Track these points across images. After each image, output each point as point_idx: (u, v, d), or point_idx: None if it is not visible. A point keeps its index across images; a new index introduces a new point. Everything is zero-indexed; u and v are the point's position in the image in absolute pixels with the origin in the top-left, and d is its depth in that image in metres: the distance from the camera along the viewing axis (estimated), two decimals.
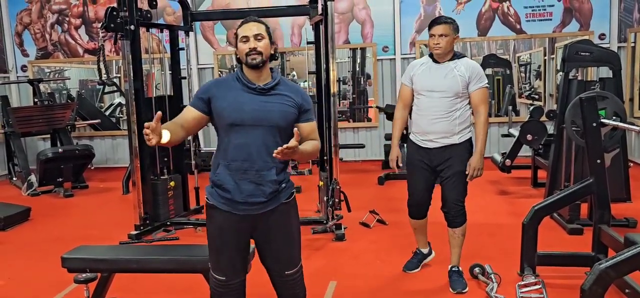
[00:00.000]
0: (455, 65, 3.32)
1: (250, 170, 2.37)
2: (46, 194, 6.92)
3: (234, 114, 2.35)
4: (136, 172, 4.87)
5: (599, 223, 3.51)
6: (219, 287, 2.51)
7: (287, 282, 2.56)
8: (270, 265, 2.54)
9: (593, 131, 3.49)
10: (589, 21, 7.64)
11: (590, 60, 5.34)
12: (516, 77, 8.20)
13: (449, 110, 3.31)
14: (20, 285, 3.96)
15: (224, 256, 2.47)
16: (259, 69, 2.38)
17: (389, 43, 8.00)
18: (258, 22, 2.42)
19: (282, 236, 2.50)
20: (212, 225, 2.48)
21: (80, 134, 8.63)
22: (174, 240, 4.82)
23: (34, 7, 8.57)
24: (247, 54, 2.35)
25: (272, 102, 2.39)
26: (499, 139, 7.80)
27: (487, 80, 3.39)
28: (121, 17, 4.71)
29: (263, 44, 2.37)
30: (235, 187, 2.37)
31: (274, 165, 2.39)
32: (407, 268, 3.76)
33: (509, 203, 5.65)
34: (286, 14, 6.47)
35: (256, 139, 2.35)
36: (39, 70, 8.76)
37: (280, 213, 2.47)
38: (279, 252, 2.51)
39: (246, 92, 2.38)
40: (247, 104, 2.36)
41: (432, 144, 3.38)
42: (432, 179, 3.48)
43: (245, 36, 2.37)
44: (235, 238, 2.46)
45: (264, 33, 2.39)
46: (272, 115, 2.37)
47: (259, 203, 2.40)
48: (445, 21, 3.31)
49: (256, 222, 2.45)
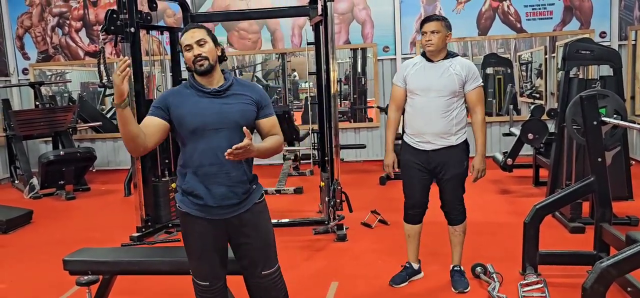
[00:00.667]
0: (450, 64, 3.30)
1: (220, 173, 2.38)
2: (48, 197, 6.93)
3: (195, 120, 2.36)
4: (137, 174, 4.88)
5: (601, 222, 3.50)
6: (203, 293, 2.55)
7: (264, 283, 2.55)
8: (247, 266, 2.54)
9: (594, 129, 3.49)
10: (590, 19, 7.64)
11: (591, 58, 5.33)
12: (517, 76, 8.20)
13: (446, 109, 3.28)
14: (22, 288, 3.97)
15: (205, 262, 2.49)
16: (209, 73, 2.39)
17: (390, 43, 8.00)
18: (199, 28, 2.41)
19: (257, 236, 2.50)
20: (188, 233, 2.49)
21: (81, 136, 8.64)
22: (175, 242, 4.82)
23: (35, 11, 8.58)
24: (194, 61, 2.36)
25: (230, 102, 2.41)
26: (500, 138, 7.80)
27: (482, 80, 3.39)
28: (121, 19, 4.72)
29: (207, 48, 2.37)
30: (207, 193, 2.38)
31: (242, 166, 2.42)
32: (394, 281, 3.60)
33: (510, 202, 5.64)
34: (286, 14, 6.47)
35: (221, 142, 2.34)
36: (41, 73, 8.77)
37: (253, 214, 2.49)
38: (255, 251, 2.51)
39: (202, 97, 2.39)
40: (206, 108, 2.37)
41: (430, 146, 3.33)
42: (429, 181, 3.44)
43: (188, 45, 2.37)
44: (213, 243, 2.47)
45: (206, 37, 2.39)
46: (232, 116, 2.38)
47: (233, 205, 2.42)
48: (437, 18, 3.30)
49: (231, 225, 2.46)
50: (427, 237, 3.77)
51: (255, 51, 8.40)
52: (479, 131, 3.35)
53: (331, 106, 4.71)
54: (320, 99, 5.14)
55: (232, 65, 8.54)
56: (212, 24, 8.18)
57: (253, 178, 2.51)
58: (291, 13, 6.30)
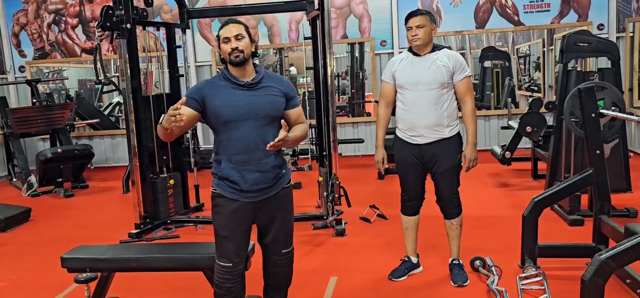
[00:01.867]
0: (437, 56, 3.31)
1: (252, 161, 2.57)
2: (46, 194, 6.92)
3: (229, 111, 2.54)
4: (135, 171, 4.87)
5: (599, 214, 3.50)
6: (225, 274, 2.67)
7: (282, 260, 2.83)
8: (270, 244, 2.78)
9: (592, 122, 3.48)
10: (587, 12, 7.63)
11: (589, 50, 5.33)
12: (515, 69, 8.19)
13: (436, 102, 3.28)
14: (21, 286, 3.96)
15: (231, 242, 2.64)
16: (242, 66, 2.57)
17: (387, 37, 7.99)
18: (238, 23, 2.61)
19: (283, 218, 2.75)
20: (219, 214, 2.65)
21: (79, 133, 8.62)
22: (174, 239, 4.81)
23: (31, 8, 8.55)
24: (230, 53, 2.55)
25: (261, 94, 2.60)
26: (499, 131, 7.80)
27: (469, 70, 3.38)
28: (117, 15, 4.70)
29: (243, 43, 2.55)
30: (241, 178, 2.58)
31: (272, 153, 2.62)
32: (393, 275, 3.60)
33: (509, 195, 5.64)
34: (283, 9, 6.43)
35: (252, 131, 2.55)
36: (37, 70, 8.74)
37: (281, 198, 2.72)
38: (279, 232, 2.76)
39: (236, 89, 2.58)
40: (239, 100, 2.56)
41: (422, 140, 3.34)
42: (423, 174, 3.45)
43: (226, 37, 2.56)
44: (241, 224, 2.64)
45: (244, 33, 2.58)
46: (264, 108, 2.58)
47: (264, 189, 2.62)
48: (421, 13, 3.32)
49: (259, 207, 2.66)
50: (425, 231, 3.77)
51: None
52: (469, 121, 3.36)
53: (329, 101, 4.69)
54: (317, 94, 5.13)
55: None
56: (209, 20, 8.17)
57: (282, 163, 2.72)
58: (288, 8, 6.24)
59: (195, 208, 5.65)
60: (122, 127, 8.56)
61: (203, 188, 5.92)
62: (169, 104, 5.37)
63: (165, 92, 5.53)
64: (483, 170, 6.48)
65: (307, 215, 4.94)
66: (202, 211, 5.69)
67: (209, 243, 3.33)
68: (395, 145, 3.49)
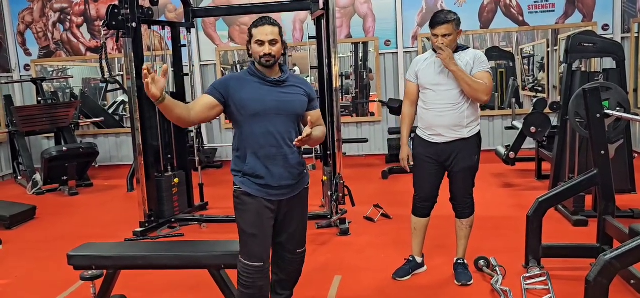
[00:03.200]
0: (459, 57, 3.28)
1: (278, 155, 2.61)
2: (51, 193, 6.94)
3: (257, 105, 2.58)
4: (140, 169, 4.89)
5: (604, 215, 3.50)
6: (255, 273, 2.64)
7: (296, 259, 2.89)
8: (286, 243, 2.81)
9: (597, 122, 3.48)
10: (592, 12, 7.61)
11: (594, 51, 5.32)
12: (519, 70, 8.18)
13: (456, 102, 3.27)
14: (26, 283, 3.98)
15: (261, 241, 2.65)
16: (272, 67, 2.63)
17: (391, 37, 7.99)
18: (273, 25, 2.61)
19: (300, 218, 2.82)
20: (246, 212, 2.65)
21: (84, 132, 8.65)
22: (179, 237, 4.83)
23: (36, 6, 8.58)
24: (262, 56, 2.58)
25: (289, 92, 2.66)
26: (503, 132, 7.79)
27: (489, 67, 3.35)
28: (122, 14, 4.71)
29: (277, 48, 2.60)
30: (268, 172, 2.61)
31: (296, 150, 2.68)
32: (397, 275, 3.61)
33: (513, 195, 5.64)
34: (288, 9, 6.42)
35: (279, 126, 2.60)
36: (42, 69, 8.77)
37: (301, 198, 2.78)
38: (296, 232, 2.82)
39: (264, 85, 2.62)
40: (267, 95, 2.60)
41: (441, 139, 3.34)
42: (440, 174, 3.44)
43: (260, 40, 2.58)
44: (268, 223, 2.68)
45: (278, 37, 2.60)
46: (292, 105, 2.65)
47: (289, 186, 2.67)
48: (446, 19, 3.19)
49: (281, 206, 2.70)
50: (432, 230, 3.76)
51: None
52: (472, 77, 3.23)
53: (333, 100, 4.70)
54: (322, 94, 5.13)
55: (233, 61, 8.53)
56: (214, 19, 8.19)
57: (304, 162, 2.77)
58: (293, 7, 6.26)
59: (200, 207, 5.67)
60: (127, 125, 8.59)
61: (207, 187, 5.94)
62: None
63: (170, 91, 5.54)
64: (487, 170, 6.47)
65: (311, 215, 4.92)
66: (206, 210, 5.70)
67: (214, 242, 3.36)
68: (414, 143, 3.51)
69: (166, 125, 5.33)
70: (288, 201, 2.70)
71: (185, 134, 5.63)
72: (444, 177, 3.47)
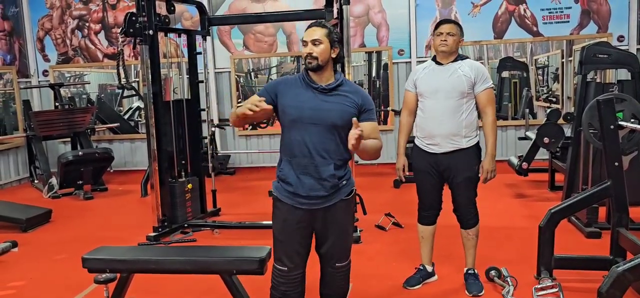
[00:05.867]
0: (459, 66, 3.33)
1: (310, 166, 2.54)
2: (66, 197, 7.03)
3: (294, 111, 2.54)
4: (154, 174, 4.95)
5: (617, 227, 3.48)
6: (280, 277, 2.68)
7: (337, 273, 2.77)
8: (325, 256, 2.73)
9: (610, 133, 3.47)
10: (607, 23, 7.57)
11: (608, 62, 5.30)
12: (533, 80, 8.15)
13: (454, 111, 3.30)
14: (41, 285, 4.04)
15: (286, 247, 2.64)
16: (318, 70, 2.55)
17: (405, 46, 8.01)
18: (321, 27, 2.57)
19: (338, 231, 2.68)
20: (276, 218, 2.68)
21: (99, 137, 8.76)
22: (191, 242, 4.87)
23: (55, 13, 8.72)
24: (305, 57, 2.54)
25: (332, 101, 2.55)
26: (516, 142, 7.75)
27: (492, 82, 3.40)
28: (140, 22, 4.79)
29: (320, 49, 2.52)
30: (298, 181, 2.56)
31: (332, 161, 2.55)
32: (408, 283, 3.62)
33: (526, 206, 5.62)
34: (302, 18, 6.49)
35: (314, 136, 2.52)
36: (60, 74, 8.91)
37: (339, 210, 2.64)
38: (335, 245, 2.69)
39: (308, 90, 2.57)
40: (306, 102, 2.54)
41: (439, 149, 3.35)
42: (440, 184, 3.46)
43: (304, 40, 2.56)
44: (296, 230, 2.62)
45: (323, 38, 2.53)
46: (330, 114, 2.53)
47: (320, 197, 2.57)
48: (454, 22, 3.38)
49: (316, 215, 2.62)
50: (441, 240, 3.77)
51: (271, 54, 8.45)
52: (489, 132, 3.36)
53: None
54: None
55: (247, 68, 8.60)
56: (229, 27, 8.26)
57: (344, 174, 2.63)
58: (307, 16, 6.30)
59: (212, 213, 5.71)
60: (142, 131, 8.68)
61: (220, 193, 5.98)
62: (188, 109, 5.46)
63: (186, 97, 5.60)
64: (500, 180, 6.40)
65: None
66: (219, 215, 5.74)
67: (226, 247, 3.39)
68: (413, 154, 3.51)
69: (180, 131, 5.39)
70: (324, 211, 2.61)
71: (199, 140, 5.68)
72: (444, 186, 3.47)
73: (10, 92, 8.42)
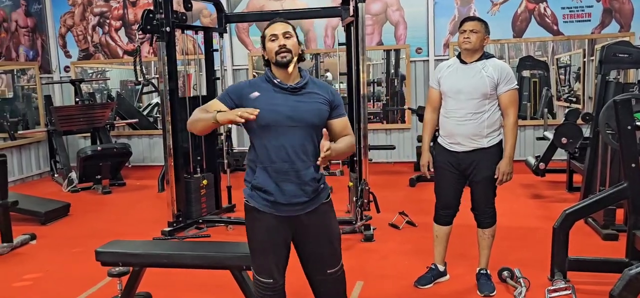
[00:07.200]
0: (483, 66, 3.28)
1: (290, 171, 2.37)
2: (85, 191, 7.15)
3: (269, 115, 2.34)
4: (170, 170, 5.00)
5: (633, 229, 3.42)
6: (267, 290, 2.49)
7: (329, 281, 2.56)
8: (313, 264, 2.54)
9: (627, 134, 3.40)
10: (630, 22, 7.43)
11: (629, 62, 5.20)
12: (554, 79, 8.04)
13: (477, 111, 3.27)
14: (58, 277, 4.12)
15: (270, 258, 2.47)
16: (287, 66, 2.38)
17: (423, 44, 7.96)
18: (286, 22, 2.44)
19: (324, 235, 2.52)
20: (255, 228, 2.48)
21: (119, 132, 8.88)
22: (205, 238, 4.92)
23: (77, 10, 8.86)
24: (277, 52, 2.37)
25: (305, 100, 2.40)
26: (534, 142, 7.66)
27: (516, 82, 3.35)
28: (157, 19, 4.84)
29: (292, 42, 2.39)
30: (277, 189, 2.38)
31: (312, 164, 2.41)
32: (419, 283, 3.61)
33: (542, 207, 5.55)
34: (319, 15, 6.52)
35: (293, 139, 2.36)
36: (81, 70, 9.05)
37: (321, 214, 2.50)
38: (322, 250, 2.52)
39: (278, 92, 2.39)
40: (280, 105, 2.37)
41: (460, 148, 3.33)
42: (461, 182, 3.43)
43: (274, 34, 2.39)
44: (280, 239, 2.47)
45: (292, 32, 2.42)
46: (307, 115, 2.38)
47: (302, 203, 2.42)
48: (478, 19, 3.31)
49: (296, 223, 2.46)
50: (455, 239, 3.74)
51: None
52: (509, 134, 3.32)
53: (361, 107, 4.72)
54: (350, 100, 5.16)
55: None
56: (247, 24, 8.30)
57: (321, 177, 2.50)
58: (324, 14, 6.34)
59: (227, 209, 5.75)
60: (160, 127, 8.77)
61: (235, 189, 6.01)
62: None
63: (202, 94, 5.65)
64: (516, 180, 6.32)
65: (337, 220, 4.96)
66: (234, 212, 5.78)
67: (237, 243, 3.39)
68: (435, 151, 3.52)
69: None
70: (306, 216, 2.45)
71: (215, 136, 5.73)
72: (465, 186, 3.44)
73: (33, 88, 8.58)
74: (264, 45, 2.44)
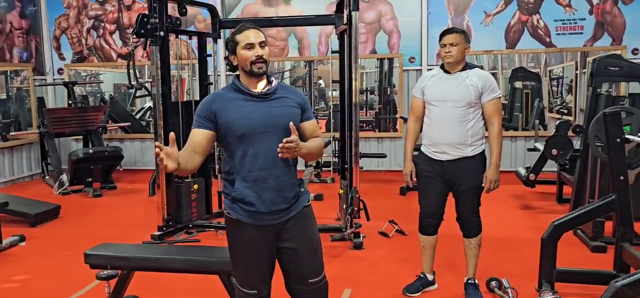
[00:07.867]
0: (467, 75, 3.32)
1: (270, 178, 2.33)
2: (76, 193, 7.12)
3: (243, 124, 2.30)
4: (161, 174, 4.99)
5: (621, 241, 3.45)
6: None
7: (310, 290, 2.49)
8: (294, 274, 2.47)
9: (616, 147, 3.44)
10: (622, 36, 7.49)
11: (620, 75, 5.24)
12: (546, 91, 8.09)
13: (461, 120, 3.29)
14: (46, 279, 4.10)
15: (254, 270, 2.43)
16: (262, 77, 2.36)
17: (416, 54, 8.00)
18: (259, 29, 2.37)
19: (305, 242, 2.45)
20: (238, 240, 2.44)
21: (111, 135, 8.85)
22: (195, 242, 4.91)
23: (72, 13, 8.85)
24: (253, 62, 2.32)
25: (277, 106, 2.36)
26: (525, 153, 7.70)
27: (500, 92, 3.39)
28: (151, 23, 4.84)
29: (267, 51, 2.35)
30: (258, 198, 2.34)
31: (291, 169, 2.39)
32: (407, 290, 3.62)
33: (532, 218, 5.57)
34: (313, 23, 6.56)
35: (269, 146, 2.29)
36: (75, 73, 9.03)
37: (301, 219, 2.45)
38: (303, 258, 2.45)
39: (249, 100, 2.34)
40: (254, 113, 2.32)
41: (444, 156, 3.35)
42: (445, 191, 3.44)
43: (250, 43, 2.32)
44: (263, 250, 2.42)
45: (266, 40, 2.37)
46: (281, 119, 2.33)
47: (282, 210, 2.38)
48: (456, 31, 3.35)
49: (279, 231, 2.42)
50: (443, 248, 3.76)
51: (282, 58, 8.49)
52: (494, 142, 3.35)
53: (353, 115, 4.73)
54: (342, 107, 5.18)
55: None
56: None
57: (300, 182, 2.47)
58: (318, 21, 6.38)
59: (218, 214, 5.74)
60: (152, 131, 8.76)
61: None
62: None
63: (195, 99, 5.65)
64: (506, 191, 6.41)
65: (326, 227, 4.97)
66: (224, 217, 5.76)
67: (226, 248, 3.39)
68: (418, 160, 3.52)
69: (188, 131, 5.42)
70: (286, 223, 2.41)
71: None
72: (449, 195, 3.46)
73: (26, 89, 8.56)
74: (233, 51, 2.37)
